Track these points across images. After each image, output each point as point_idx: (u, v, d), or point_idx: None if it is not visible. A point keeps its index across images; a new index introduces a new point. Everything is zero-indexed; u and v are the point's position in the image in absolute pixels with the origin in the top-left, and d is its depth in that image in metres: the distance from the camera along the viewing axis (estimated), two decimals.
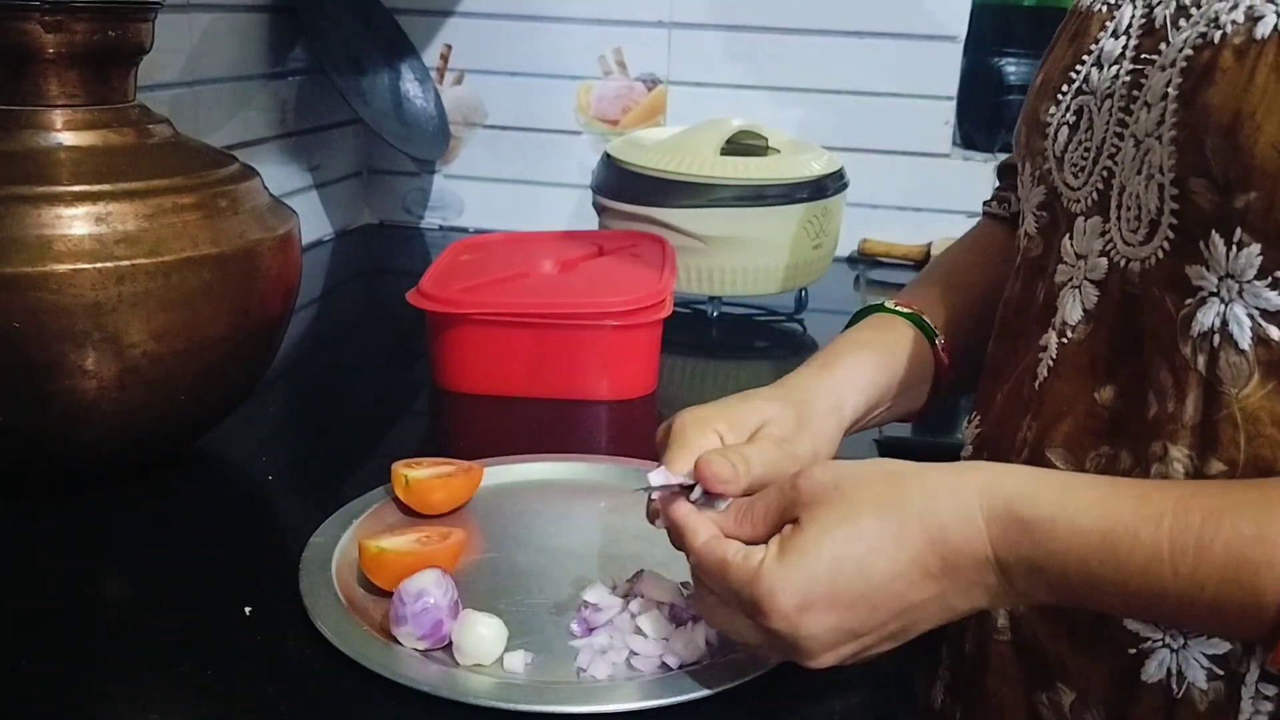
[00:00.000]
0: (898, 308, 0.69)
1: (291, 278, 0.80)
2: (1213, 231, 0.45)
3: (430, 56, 1.54)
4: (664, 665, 0.57)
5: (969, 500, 0.46)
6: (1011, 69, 1.49)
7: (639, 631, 0.58)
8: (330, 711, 0.54)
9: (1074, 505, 0.45)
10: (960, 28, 1.41)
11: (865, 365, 0.66)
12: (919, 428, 0.92)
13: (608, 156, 1.20)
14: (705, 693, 0.54)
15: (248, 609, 0.61)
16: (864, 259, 1.47)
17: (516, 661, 0.56)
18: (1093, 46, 0.55)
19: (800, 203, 1.14)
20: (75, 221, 0.67)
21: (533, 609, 0.62)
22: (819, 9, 1.42)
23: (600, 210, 1.21)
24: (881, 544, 0.46)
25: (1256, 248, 0.44)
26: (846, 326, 0.72)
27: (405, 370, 1.06)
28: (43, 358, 0.66)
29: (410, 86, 1.50)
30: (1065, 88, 0.56)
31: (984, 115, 1.50)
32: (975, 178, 1.45)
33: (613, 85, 1.51)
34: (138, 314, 0.68)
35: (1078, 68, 0.55)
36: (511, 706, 0.53)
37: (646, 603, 0.59)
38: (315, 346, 1.11)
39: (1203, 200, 0.46)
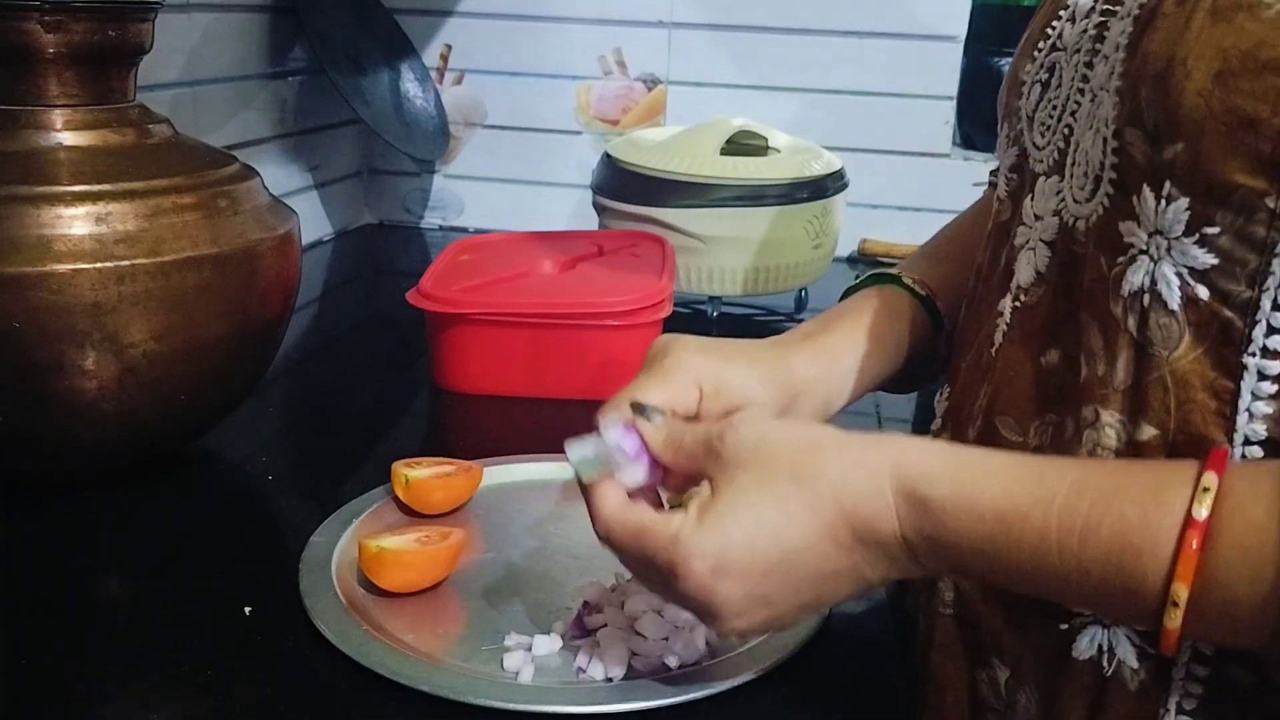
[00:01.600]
0: (914, 287, 0.68)
1: (291, 278, 0.80)
2: (1144, 185, 0.44)
3: (430, 56, 1.54)
4: (664, 665, 0.57)
5: (880, 476, 0.46)
6: None
7: (638, 632, 0.58)
8: (330, 711, 0.54)
9: (972, 486, 0.45)
10: (960, 28, 1.41)
11: (865, 360, 0.65)
12: (919, 422, 0.92)
13: (608, 156, 1.20)
14: (705, 693, 0.54)
15: (248, 609, 0.61)
16: (864, 259, 1.47)
17: (516, 661, 0.57)
18: (1069, 2, 0.53)
19: (800, 203, 1.14)
20: (75, 221, 0.67)
21: (533, 609, 0.62)
22: (818, 9, 1.42)
23: (600, 210, 1.21)
24: (796, 513, 0.47)
25: (1184, 202, 0.42)
26: (858, 285, 0.70)
27: (405, 370, 1.06)
28: (43, 358, 0.66)
29: (410, 86, 1.50)
30: (1041, 44, 0.55)
31: (984, 115, 1.50)
32: (975, 178, 1.45)
33: (613, 85, 1.51)
34: (138, 314, 0.68)
35: (1054, 24, 0.54)
36: (511, 706, 0.53)
37: (645, 603, 0.59)
38: (315, 346, 1.11)
39: (1136, 152, 0.44)
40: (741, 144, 1.20)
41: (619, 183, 1.17)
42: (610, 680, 0.56)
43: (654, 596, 0.60)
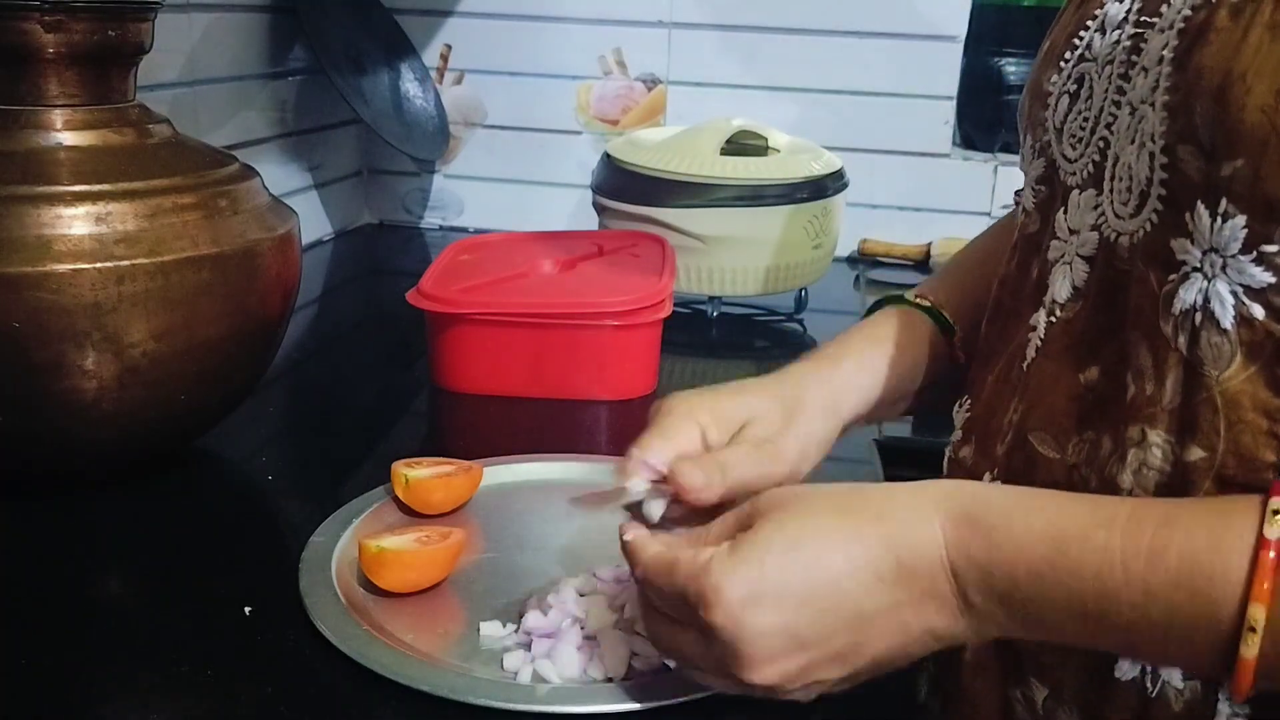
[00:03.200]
0: (917, 300, 0.68)
1: (291, 278, 0.80)
2: (1198, 202, 0.43)
3: (430, 56, 1.54)
4: (664, 665, 0.57)
5: (927, 505, 0.45)
6: (1011, 69, 1.49)
7: (638, 632, 0.58)
8: (330, 711, 0.54)
9: (1028, 508, 0.44)
10: (960, 28, 1.41)
11: (871, 364, 0.64)
12: (919, 428, 0.92)
13: (608, 156, 1.20)
14: (705, 693, 0.54)
15: (248, 609, 0.61)
16: (864, 259, 1.47)
17: (516, 662, 0.57)
18: (1097, 11, 0.52)
19: (800, 203, 1.14)
20: (75, 221, 0.67)
21: (532, 608, 0.62)
22: (818, 9, 1.42)
23: (600, 210, 1.21)
24: (837, 541, 0.45)
25: (1241, 220, 0.41)
26: (864, 316, 0.70)
27: (405, 370, 1.06)
28: (43, 358, 0.66)
29: (410, 86, 1.50)
30: (1069, 54, 0.54)
31: (984, 115, 1.50)
32: (975, 178, 1.45)
33: (613, 85, 1.51)
34: (137, 314, 0.68)
35: (1081, 34, 0.53)
36: (511, 706, 0.53)
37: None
38: (315, 346, 1.11)
39: (1190, 169, 0.43)
40: (741, 144, 1.20)
41: (619, 183, 1.17)
42: (610, 680, 0.56)
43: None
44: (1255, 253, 0.41)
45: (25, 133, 0.69)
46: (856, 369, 0.64)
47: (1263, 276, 0.42)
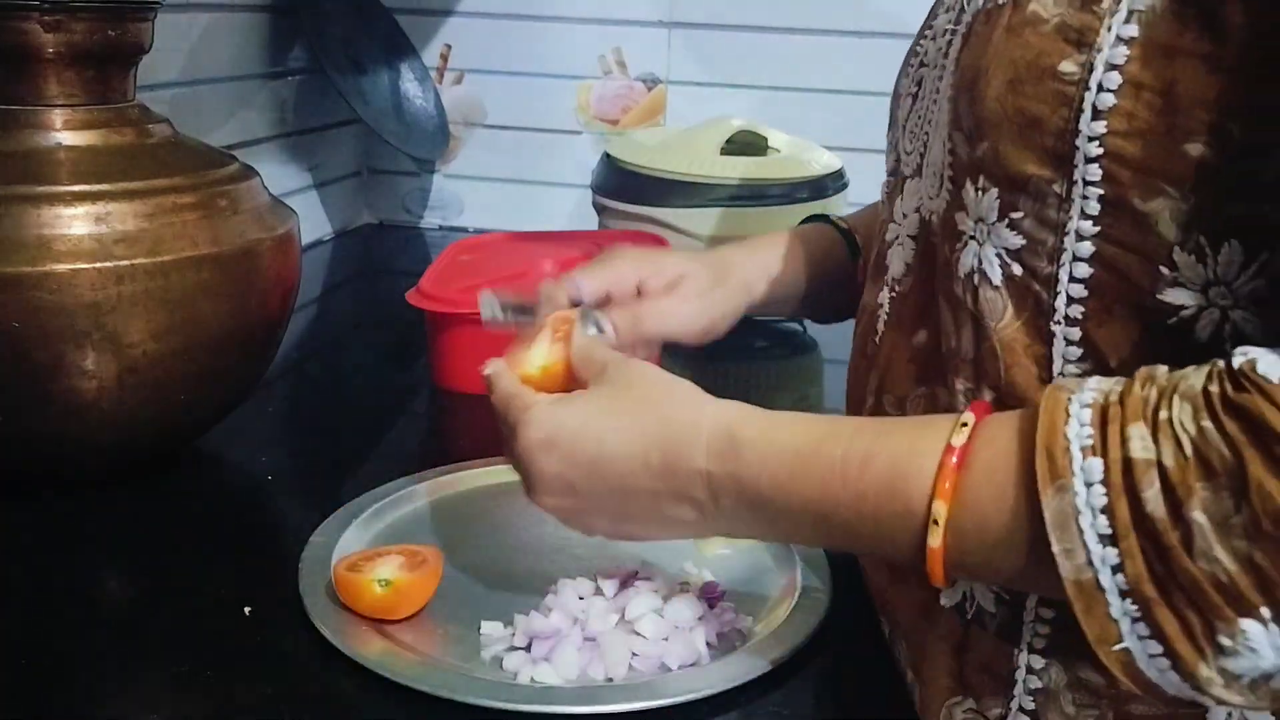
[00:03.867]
0: (838, 222, 0.81)
1: (291, 278, 0.80)
2: (967, 180, 0.49)
3: (430, 56, 1.54)
4: (664, 665, 0.57)
5: (703, 418, 0.52)
6: None
7: (638, 632, 0.58)
8: (330, 711, 0.55)
9: (777, 428, 0.51)
10: None
11: (786, 261, 0.78)
12: None
13: (608, 156, 1.20)
14: (705, 693, 0.54)
15: (247, 609, 0.61)
16: None
17: (516, 662, 0.57)
18: (934, 22, 0.59)
19: (800, 203, 1.14)
20: (75, 221, 0.67)
21: (532, 609, 0.62)
22: (819, 9, 1.42)
23: (600, 210, 1.21)
24: (625, 424, 0.53)
25: (995, 192, 0.47)
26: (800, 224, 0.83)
27: (405, 370, 1.06)
28: (43, 358, 0.66)
29: (410, 86, 1.50)
30: (912, 60, 0.61)
31: None
32: None
33: (613, 85, 1.51)
34: (137, 314, 0.68)
35: (922, 42, 0.60)
36: (511, 706, 0.53)
37: (645, 604, 0.59)
38: (315, 346, 1.11)
39: (961, 152, 0.50)
40: (741, 144, 1.20)
41: (619, 183, 1.17)
42: (610, 680, 0.56)
43: (654, 598, 0.60)
44: (1008, 219, 0.47)
45: (25, 133, 0.69)
46: (770, 261, 0.78)
47: (1015, 240, 0.47)
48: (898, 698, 0.55)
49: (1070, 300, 0.46)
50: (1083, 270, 0.45)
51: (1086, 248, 0.45)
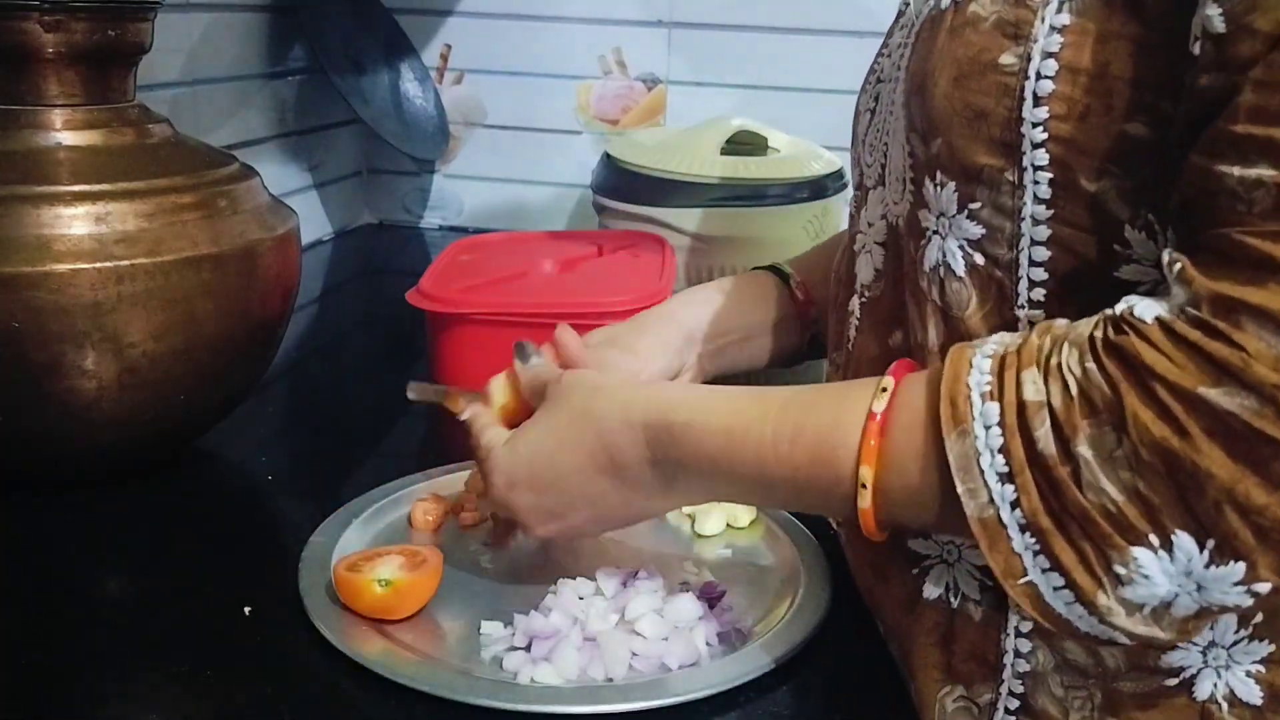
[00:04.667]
0: (780, 266, 0.81)
1: (291, 278, 0.80)
2: (926, 178, 0.51)
3: (430, 56, 1.54)
4: (664, 665, 0.57)
5: (633, 411, 0.55)
6: None
7: (638, 632, 0.58)
8: (330, 711, 0.55)
9: (708, 410, 0.53)
10: None
11: (706, 292, 0.79)
12: None
13: (608, 156, 1.20)
14: (705, 693, 0.54)
15: (247, 609, 0.61)
16: None
17: (516, 662, 0.57)
18: (889, 40, 0.62)
19: (800, 203, 1.14)
20: (75, 221, 0.67)
21: (531, 609, 0.62)
22: (819, 9, 1.42)
23: (600, 210, 1.21)
24: (566, 441, 0.57)
25: (953, 185, 0.49)
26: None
27: (405, 370, 1.06)
28: (43, 358, 0.67)
29: (410, 86, 1.50)
30: (870, 78, 0.64)
31: None
32: None
33: (612, 85, 1.51)
34: (137, 314, 0.68)
35: (879, 60, 0.63)
36: (511, 706, 0.53)
37: (645, 604, 0.59)
38: (315, 346, 1.11)
39: (919, 152, 0.52)
40: (741, 144, 1.20)
41: (619, 183, 1.17)
42: (610, 680, 0.56)
43: (654, 598, 0.60)
44: (966, 210, 0.49)
45: (25, 133, 0.69)
46: (690, 296, 0.79)
47: (975, 229, 0.49)
48: (898, 697, 0.55)
49: (1032, 284, 0.48)
50: (1041, 254, 0.47)
51: (1042, 231, 0.47)
